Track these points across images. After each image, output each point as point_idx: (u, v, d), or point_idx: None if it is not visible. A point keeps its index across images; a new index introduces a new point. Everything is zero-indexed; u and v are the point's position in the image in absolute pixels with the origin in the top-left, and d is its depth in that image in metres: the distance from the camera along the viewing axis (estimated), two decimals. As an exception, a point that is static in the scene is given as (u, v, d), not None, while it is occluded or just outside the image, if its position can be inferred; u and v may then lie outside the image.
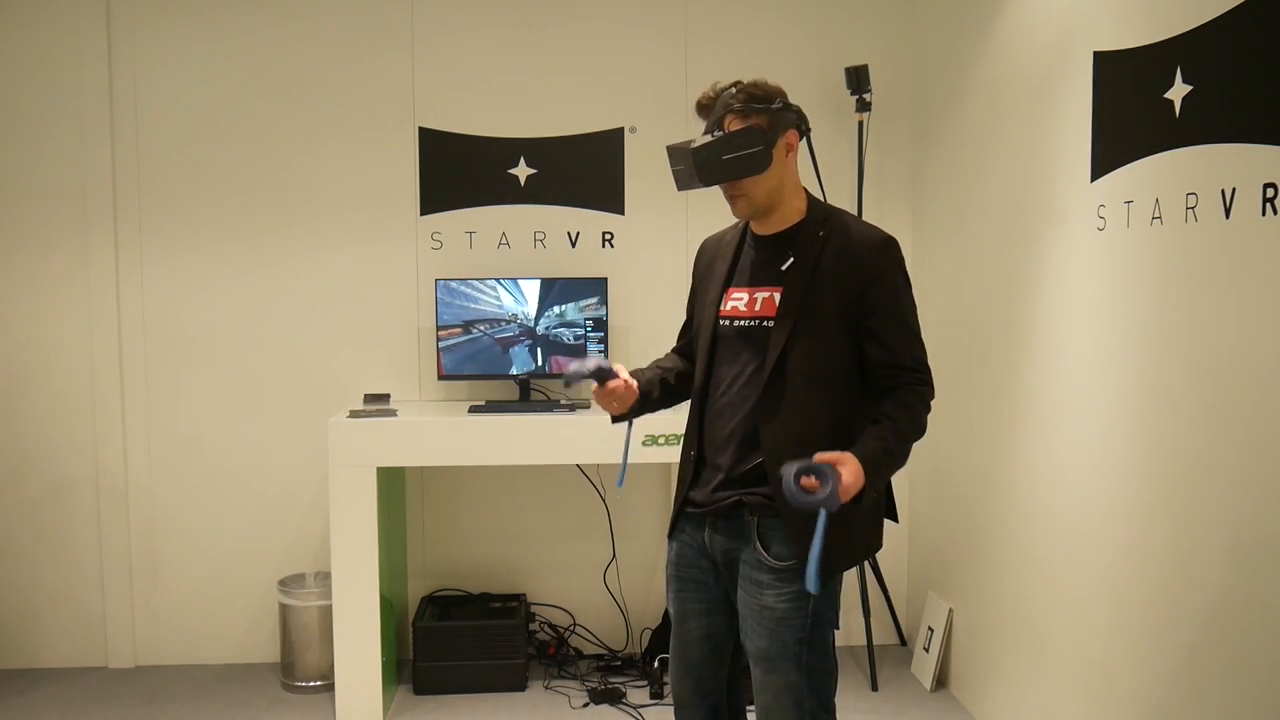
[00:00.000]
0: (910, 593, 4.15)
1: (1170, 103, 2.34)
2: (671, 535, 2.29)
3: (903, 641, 4.12)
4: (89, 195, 3.88)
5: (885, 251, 2.11)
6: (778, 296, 2.12)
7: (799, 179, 2.20)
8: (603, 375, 2.19)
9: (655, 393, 2.31)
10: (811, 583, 1.88)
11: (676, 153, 2.14)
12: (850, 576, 3.87)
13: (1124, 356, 2.56)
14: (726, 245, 2.28)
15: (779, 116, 2.11)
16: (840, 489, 1.86)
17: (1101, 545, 2.66)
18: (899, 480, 4.27)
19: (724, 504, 2.15)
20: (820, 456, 1.91)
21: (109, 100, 3.86)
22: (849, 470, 1.91)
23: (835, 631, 2.18)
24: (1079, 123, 2.74)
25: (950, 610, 3.67)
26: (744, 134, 2.07)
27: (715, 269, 2.28)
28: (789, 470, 1.86)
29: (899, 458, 2.05)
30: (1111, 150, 2.60)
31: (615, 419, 2.30)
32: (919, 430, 2.09)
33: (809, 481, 1.86)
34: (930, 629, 3.79)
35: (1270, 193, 2.04)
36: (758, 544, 2.11)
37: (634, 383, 2.23)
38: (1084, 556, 2.75)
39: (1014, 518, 3.18)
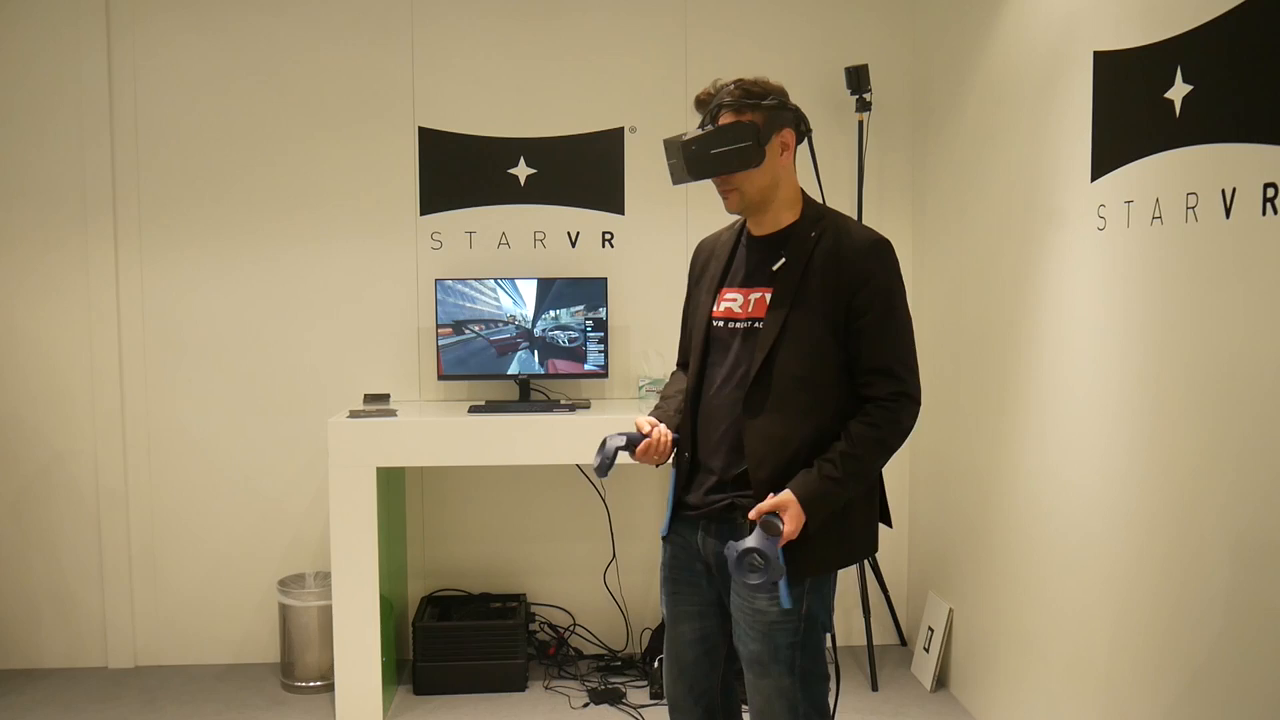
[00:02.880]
0: (910, 593, 4.15)
1: (1170, 103, 2.34)
2: (665, 538, 2.28)
3: (903, 641, 4.12)
4: (88, 193, 3.88)
5: (877, 254, 2.09)
6: (769, 297, 2.12)
7: (796, 180, 2.18)
8: (620, 447, 2.17)
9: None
10: (785, 598, 2.05)
11: (671, 146, 2.14)
12: (850, 576, 3.88)
13: (1124, 356, 2.55)
14: (722, 246, 2.27)
15: (774, 114, 2.10)
16: (781, 540, 1.96)
17: (1102, 545, 2.66)
18: (898, 481, 4.29)
19: (716, 507, 2.15)
20: (760, 508, 1.99)
21: (108, 98, 3.86)
22: (790, 516, 1.98)
23: (830, 634, 2.18)
24: (1079, 123, 2.74)
25: (950, 610, 3.67)
26: (734, 128, 2.07)
27: (709, 269, 2.27)
28: (731, 554, 1.94)
29: (849, 484, 2.04)
30: (1111, 150, 2.60)
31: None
32: (882, 449, 2.07)
33: (753, 560, 1.93)
34: (930, 629, 3.79)
35: (1270, 193, 2.04)
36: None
37: (662, 428, 2.20)
38: (1085, 557, 2.75)
39: (1014, 518, 3.18)
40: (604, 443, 2.18)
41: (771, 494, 2.01)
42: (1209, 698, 2.25)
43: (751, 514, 1.99)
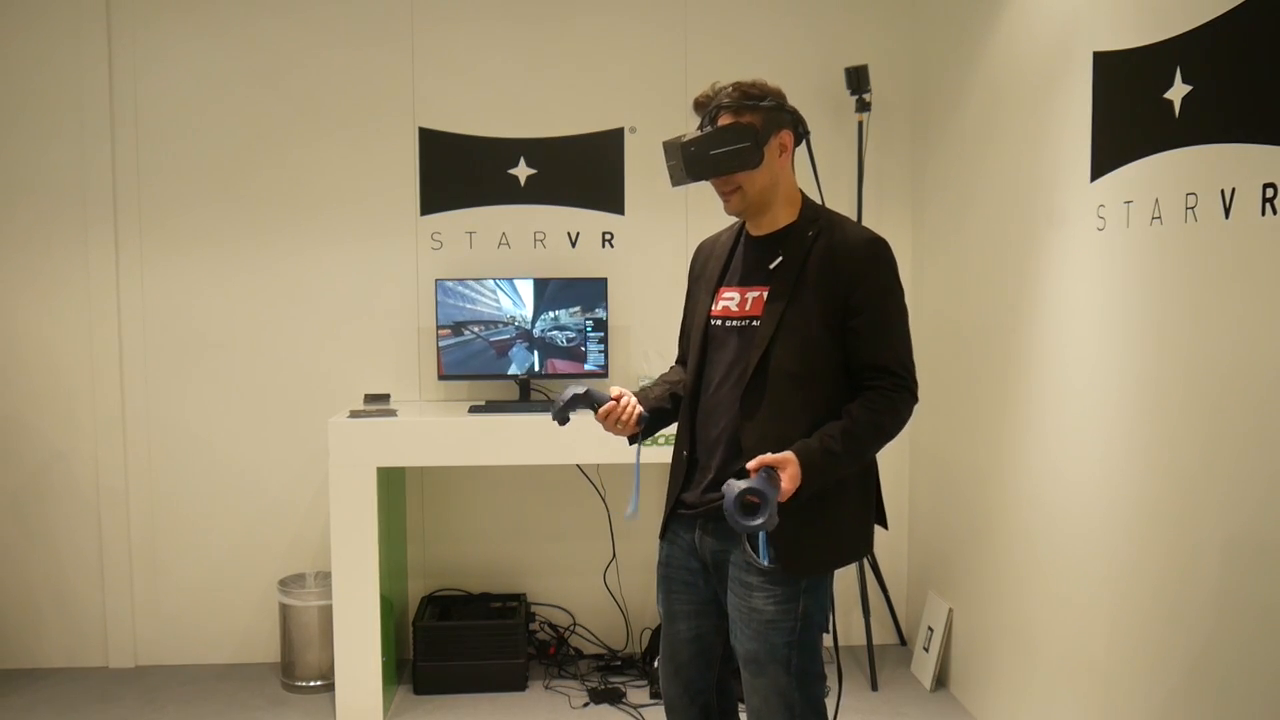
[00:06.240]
0: (910, 593, 4.15)
1: (1170, 103, 2.34)
2: (663, 536, 2.29)
3: (903, 641, 4.12)
4: (89, 194, 3.88)
5: (872, 252, 2.10)
6: (765, 295, 2.13)
7: (795, 181, 2.19)
8: (578, 403, 2.16)
9: (668, 405, 2.31)
10: (763, 553, 2.02)
11: (670, 148, 2.15)
12: (849, 576, 3.88)
13: (1124, 356, 2.56)
14: (721, 246, 2.29)
15: (772, 115, 2.11)
16: (779, 494, 1.92)
17: (1102, 545, 2.66)
18: (898, 481, 4.28)
19: (714, 505, 2.14)
20: (761, 459, 1.95)
21: (109, 100, 3.86)
22: (788, 475, 1.95)
23: (826, 634, 2.18)
24: (1079, 123, 2.74)
25: (950, 610, 3.67)
26: (733, 129, 2.08)
27: (709, 269, 2.28)
28: (730, 491, 1.88)
29: (845, 461, 2.03)
30: (1111, 150, 2.60)
31: (631, 440, 2.29)
32: (879, 434, 2.07)
33: (751, 499, 1.88)
34: (930, 629, 3.79)
35: (1270, 193, 2.04)
36: (747, 546, 2.10)
37: (628, 398, 2.21)
38: (1084, 556, 2.75)
39: (1014, 518, 3.18)
40: (563, 391, 2.18)
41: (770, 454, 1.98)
42: (1207, 697, 2.26)
43: (750, 464, 1.96)
